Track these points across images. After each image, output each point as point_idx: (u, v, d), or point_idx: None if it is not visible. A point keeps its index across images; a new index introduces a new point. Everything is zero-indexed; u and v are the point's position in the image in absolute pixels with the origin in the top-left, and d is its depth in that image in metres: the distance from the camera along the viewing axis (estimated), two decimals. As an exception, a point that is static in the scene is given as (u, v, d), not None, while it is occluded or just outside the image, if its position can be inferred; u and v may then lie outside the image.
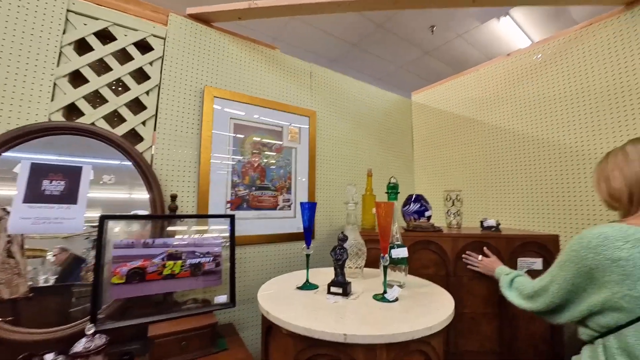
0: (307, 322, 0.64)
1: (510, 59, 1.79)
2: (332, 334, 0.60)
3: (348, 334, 0.59)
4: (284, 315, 0.67)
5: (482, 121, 1.89)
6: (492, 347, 1.25)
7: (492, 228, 1.35)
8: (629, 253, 0.67)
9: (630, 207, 0.78)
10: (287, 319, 0.66)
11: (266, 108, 1.58)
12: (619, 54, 1.37)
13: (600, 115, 1.41)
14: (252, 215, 1.50)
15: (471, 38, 3.42)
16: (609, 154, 0.88)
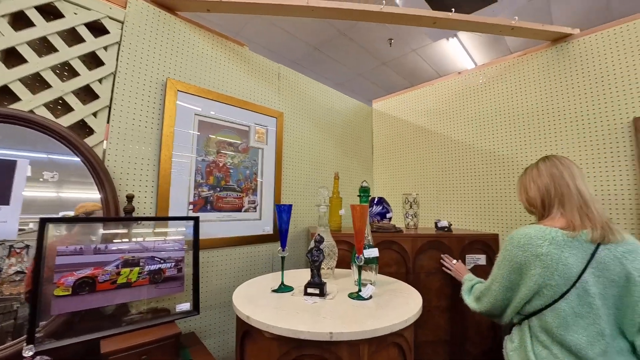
0: (292, 324, 0.64)
1: (461, 77, 2.00)
2: (319, 333, 0.61)
3: (334, 332, 0.61)
4: (267, 319, 0.66)
5: (435, 131, 2.08)
6: (445, 336, 1.39)
7: (445, 228, 1.50)
8: (547, 250, 0.81)
9: (543, 212, 0.94)
10: (271, 322, 0.65)
11: (233, 106, 1.53)
12: (546, 82, 1.62)
13: (531, 132, 1.65)
14: (216, 217, 1.44)
15: (424, 54, 3.72)
16: (527, 169, 1.04)
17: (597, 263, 0.80)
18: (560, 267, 0.80)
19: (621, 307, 0.81)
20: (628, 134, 1.38)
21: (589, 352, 0.78)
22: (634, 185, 1.34)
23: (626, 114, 1.39)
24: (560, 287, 0.81)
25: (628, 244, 0.82)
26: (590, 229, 0.82)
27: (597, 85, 1.47)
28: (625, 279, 0.79)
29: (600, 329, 0.79)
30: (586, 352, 0.78)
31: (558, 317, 0.81)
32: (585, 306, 0.80)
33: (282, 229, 0.91)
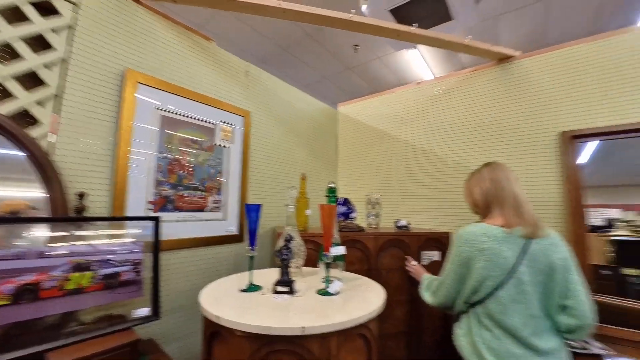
0: (263, 321, 0.66)
1: (420, 87, 2.15)
2: (291, 328, 0.63)
3: (306, 326, 0.63)
4: (237, 318, 0.67)
5: (396, 136, 2.21)
6: (404, 328, 1.48)
7: (404, 227, 1.60)
8: (489, 245, 0.93)
9: (485, 212, 1.06)
10: (242, 320, 0.66)
11: (198, 102, 1.48)
12: (492, 96, 1.82)
13: (478, 140, 1.84)
14: (177, 217, 1.38)
15: (387, 61, 3.91)
16: (472, 173, 1.15)
17: (528, 255, 0.93)
18: (500, 260, 0.92)
19: (547, 292, 0.95)
20: (556, 145, 1.60)
21: (523, 331, 0.90)
22: (560, 188, 1.57)
23: (555, 128, 1.61)
24: (499, 278, 0.92)
25: (552, 238, 0.97)
26: (523, 226, 0.95)
27: (533, 102, 1.68)
28: (550, 267, 0.93)
29: (531, 312, 0.92)
30: (521, 332, 0.90)
31: (499, 304, 0.93)
32: (520, 293, 0.92)
33: (251, 228, 0.91)
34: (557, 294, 0.93)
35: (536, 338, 0.91)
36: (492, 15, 3.02)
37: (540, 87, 1.67)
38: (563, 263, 0.94)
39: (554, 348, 0.93)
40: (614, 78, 1.48)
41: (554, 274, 0.93)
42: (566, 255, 0.97)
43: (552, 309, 0.95)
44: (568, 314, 0.93)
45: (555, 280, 0.93)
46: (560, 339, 0.98)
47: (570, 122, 1.57)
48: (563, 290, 0.94)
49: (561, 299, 0.94)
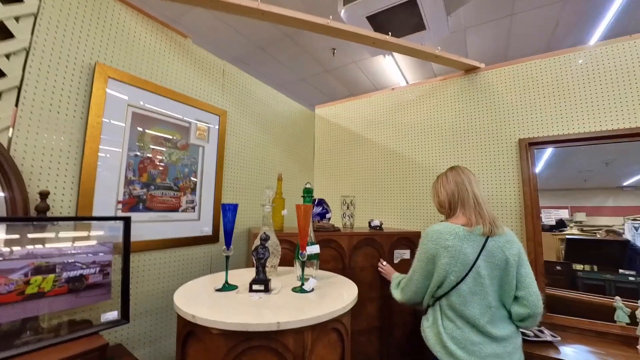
0: (239, 318, 0.67)
1: (394, 92, 2.23)
2: (266, 324, 0.65)
3: (281, 322, 0.65)
4: (213, 316, 0.67)
5: (370, 139, 2.28)
6: (376, 324, 1.54)
7: (377, 227, 1.66)
8: (452, 242, 1.01)
9: (450, 211, 1.15)
10: (219, 318, 0.67)
11: (173, 100, 1.45)
12: (459, 104, 1.94)
13: (446, 144, 1.95)
14: (149, 217, 1.34)
15: (363, 66, 4.01)
16: (438, 176, 1.24)
17: (486, 251, 1.02)
18: (462, 256, 1.00)
19: (502, 285, 1.04)
20: (515, 151, 1.74)
21: (481, 320, 0.99)
22: (518, 191, 1.71)
23: (514, 135, 1.75)
24: (461, 272, 1.00)
25: (507, 235, 1.07)
26: (482, 225, 1.03)
27: (494, 110, 1.82)
28: (505, 262, 1.03)
29: (488, 302, 1.01)
30: (479, 321, 0.99)
31: (460, 296, 1.01)
32: (478, 286, 1.01)
33: (227, 228, 0.92)
34: (511, 286, 1.03)
35: (492, 326, 1.00)
36: (462, 27, 3.21)
37: (501, 97, 1.81)
38: (516, 258, 1.04)
39: (508, 335, 1.03)
40: (564, 91, 1.64)
41: (509, 268, 1.03)
42: (519, 251, 1.07)
43: (506, 300, 1.05)
44: (520, 304, 1.03)
45: (509, 274, 1.03)
46: (514, 327, 1.08)
47: (527, 130, 1.72)
48: (516, 283, 1.03)
49: (514, 290, 1.04)
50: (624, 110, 1.50)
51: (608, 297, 1.50)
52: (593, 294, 1.67)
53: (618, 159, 1.67)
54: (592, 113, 1.56)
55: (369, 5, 2.66)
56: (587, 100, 1.58)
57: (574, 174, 1.85)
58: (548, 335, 1.36)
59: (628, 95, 1.50)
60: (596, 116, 1.55)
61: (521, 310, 1.02)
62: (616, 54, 1.54)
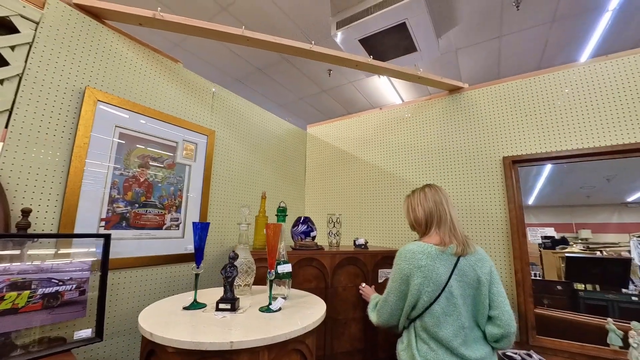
0: (194, 337, 0.67)
1: (382, 112, 2.29)
2: (220, 343, 0.65)
3: (234, 341, 0.66)
4: (169, 334, 0.68)
5: (359, 158, 2.32)
6: (359, 346, 1.50)
7: (362, 246, 1.66)
8: (426, 262, 1.00)
9: (424, 230, 1.15)
10: (173, 336, 0.67)
11: (161, 121, 1.51)
12: (444, 123, 1.98)
13: (431, 162, 1.97)
14: (132, 234, 1.37)
15: (359, 86, 4.12)
16: (414, 192, 1.22)
17: (458, 271, 1.01)
18: (434, 275, 0.99)
19: (475, 304, 1.03)
20: (500, 169, 1.75)
21: (454, 342, 0.97)
22: (503, 208, 1.70)
23: (498, 153, 1.77)
24: (434, 293, 0.99)
25: (478, 253, 1.06)
26: (455, 245, 1.03)
27: (479, 129, 1.84)
28: (477, 281, 1.02)
29: (461, 323, 0.99)
30: (452, 342, 0.97)
31: (433, 318, 0.99)
32: (451, 306, 0.99)
33: (197, 246, 0.93)
34: (484, 305, 1.01)
35: (465, 348, 0.98)
36: (453, 48, 3.31)
37: (485, 116, 1.84)
38: (488, 277, 1.03)
39: (482, 356, 1.00)
40: (547, 110, 1.67)
41: (481, 286, 1.02)
42: (491, 269, 1.06)
43: (480, 320, 1.03)
44: (493, 323, 1.01)
45: (482, 293, 1.02)
46: (490, 348, 1.05)
47: (511, 148, 1.73)
48: (489, 302, 1.02)
49: (487, 309, 1.02)
50: (607, 128, 1.51)
51: (601, 318, 1.45)
52: (589, 315, 1.61)
53: (619, 175, 1.65)
54: (575, 131, 1.58)
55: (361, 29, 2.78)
56: (570, 118, 1.60)
57: (576, 190, 1.82)
58: (536, 359, 1.31)
59: (610, 113, 1.51)
60: (579, 134, 1.57)
61: (495, 330, 1.01)
62: (598, 73, 1.57)
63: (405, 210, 1.24)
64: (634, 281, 1.59)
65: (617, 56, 1.54)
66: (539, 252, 1.77)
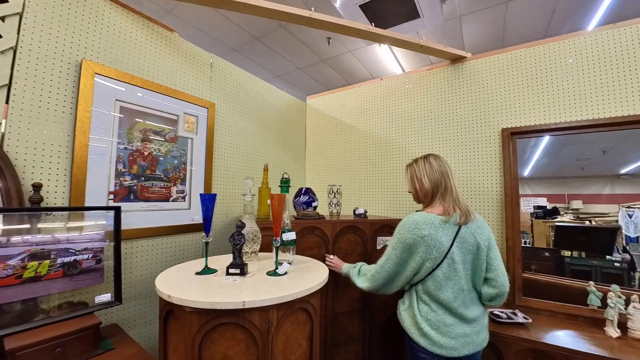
0: (209, 297, 0.74)
1: (383, 82, 2.25)
2: (233, 302, 0.72)
3: (246, 300, 0.72)
4: (187, 296, 0.74)
5: (359, 129, 2.32)
6: (358, 306, 1.62)
7: (362, 215, 1.72)
8: (429, 232, 1.05)
9: (429, 201, 1.18)
10: (190, 297, 0.74)
11: (160, 94, 1.50)
12: (446, 93, 1.96)
13: (433, 132, 1.98)
14: (141, 207, 1.42)
15: (359, 55, 3.99)
16: (416, 161, 1.23)
17: (459, 238, 1.07)
18: (437, 244, 1.04)
19: (474, 268, 1.10)
20: (498, 140, 1.77)
21: (454, 303, 1.06)
22: (499, 178, 1.74)
23: (497, 125, 1.78)
24: (437, 260, 1.06)
25: (478, 221, 1.12)
26: (458, 215, 1.08)
27: (479, 100, 1.84)
28: (477, 247, 1.09)
29: (460, 286, 1.07)
30: (452, 304, 1.05)
31: (435, 282, 1.07)
32: (452, 271, 1.07)
33: (206, 216, 0.98)
34: (482, 269, 1.09)
35: (464, 308, 1.07)
36: (457, 15, 3.17)
37: (486, 87, 1.82)
38: (487, 243, 1.10)
39: (477, 316, 1.10)
40: (548, 81, 1.65)
41: (480, 252, 1.09)
42: (489, 236, 1.13)
43: (477, 282, 1.12)
44: (489, 284, 1.10)
45: (480, 258, 1.09)
46: (483, 308, 1.15)
47: (511, 119, 1.74)
48: (486, 266, 1.10)
49: (484, 272, 1.10)
50: (609, 100, 1.51)
51: (583, 281, 1.54)
52: (572, 279, 1.72)
53: (616, 147, 1.67)
54: (576, 103, 1.58)
55: (361, -8, 2.65)
56: (572, 89, 1.60)
57: (572, 162, 1.86)
58: (520, 318, 1.43)
59: (613, 84, 1.51)
60: (579, 106, 1.57)
61: (490, 290, 1.10)
62: (600, 43, 1.54)
63: (408, 179, 1.25)
64: (619, 249, 1.69)
65: (625, 24, 1.50)
66: (531, 222, 1.86)
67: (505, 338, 1.32)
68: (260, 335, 0.75)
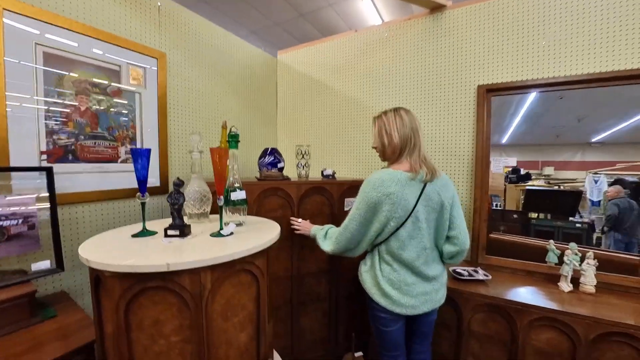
0: (131, 261, 0.66)
1: (358, 34, 2.07)
2: (156, 265, 0.65)
3: (171, 262, 0.65)
4: (107, 260, 0.67)
5: (332, 86, 2.17)
6: (325, 267, 1.61)
7: (330, 176, 1.65)
8: (395, 189, 0.99)
9: (396, 157, 1.09)
10: (108, 261, 0.66)
11: (95, 39, 1.30)
12: (421, 48, 1.82)
13: (406, 89, 1.88)
14: (83, 168, 1.29)
15: (339, 9, 3.68)
16: (386, 114, 1.11)
17: (424, 196, 1.02)
18: (403, 202, 0.99)
19: (437, 227, 1.08)
20: (473, 98, 1.68)
21: (416, 262, 1.04)
22: (471, 138, 1.69)
23: (473, 81, 1.68)
24: (401, 218, 1.01)
25: (443, 179, 1.07)
26: (425, 172, 1.02)
27: (457, 55, 1.71)
28: (441, 205, 1.05)
29: (424, 245, 1.05)
30: (415, 262, 1.03)
31: (398, 241, 1.03)
32: (416, 230, 1.03)
33: (140, 175, 0.88)
34: (444, 227, 1.07)
35: (426, 267, 1.06)
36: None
37: (464, 40, 1.69)
38: (451, 201, 1.07)
39: (437, 274, 1.09)
40: (528, 33, 1.54)
41: (443, 210, 1.05)
42: (454, 193, 1.09)
43: (439, 241, 1.10)
44: (451, 242, 1.09)
45: (444, 216, 1.06)
46: (442, 266, 1.14)
47: (488, 76, 1.64)
48: (448, 224, 1.07)
49: (447, 231, 1.08)
50: (592, 55, 1.42)
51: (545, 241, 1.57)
52: (535, 238, 1.77)
53: (590, 115, 1.68)
54: (556, 58, 1.49)
55: None
56: (552, 44, 1.49)
57: (548, 130, 1.88)
58: (481, 275, 1.45)
59: (595, 37, 1.41)
60: (562, 60, 1.48)
61: (452, 248, 1.08)
62: (585, -13, 1.41)
63: (376, 132, 1.14)
64: (581, 212, 1.75)
65: (614, -37, 1.37)
66: (504, 186, 1.89)
67: (464, 294, 1.34)
68: (192, 299, 0.69)
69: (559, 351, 1.17)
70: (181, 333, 0.71)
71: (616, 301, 1.23)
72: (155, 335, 0.70)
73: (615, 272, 1.36)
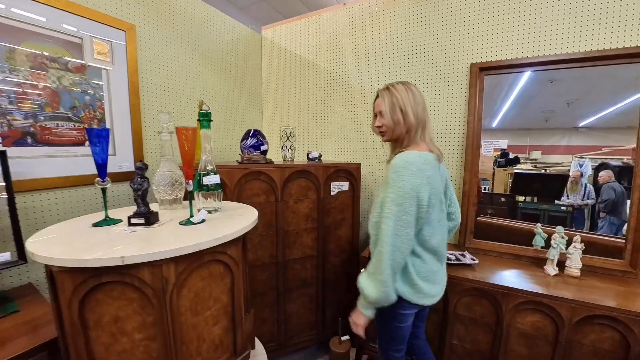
0: (80, 253, 0.59)
1: (346, 8, 1.94)
2: (110, 259, 0.58)
3: (126, 256, 0.59)
4: (55, 253, 0.60)
5: (318, 65, 2.06)
6: (311, 252, 1.57)
7: (316, 159, 1.58)
8: (432, 172, 0.87)
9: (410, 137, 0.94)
10: (55, 255, 0.59)
11: (48, 5, 1.16)
12: (413, 22, 1.71)
13: (396, 68, 1.78)
14: (46, 152, 1.19)
15: (328, -19, 3.47)
16: (395, 87, 0.95)
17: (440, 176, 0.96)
18: (437, 185, 0.89)
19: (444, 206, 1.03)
20: (465, 76, 1.60)
21: (441, 247, 0.98)
22: (463, 118, 1.62)
23: (466, 59, 1.59)
24: (437, 203, 0.91)
25: None
26: (437, 152, 0.95)
27: (450, 31, 1.62)
28: (445, 185, 1.03)
29: (445, 227, 1.03)
30: (440, 247, 0.97)
31: (431, 227, 0.92)
32: (441, 212, 0.97)
33: (98, 159, 0.79)
34: (446, 205, 1.05)
35: (444, 249, 1.02)
36: None
37: (459, 15, 1.59)
38: (448, 180, 1.07)
39: None
40: (527, 11, 1.45)
41: (447, 189, 1.05)
42: (447, 172, 1.10)
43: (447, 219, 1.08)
44: (449, 219, 1.09)
45: (447, 195, 1.05)
46: None
47: (481, 54, 1.56)
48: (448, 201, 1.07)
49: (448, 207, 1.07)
50: (587, 32, 1.34)
51: (532, 224, 1.56)
52: (523, 222, 1.76)
53: (580, 99, 1.65)
54: (552, 36, 1.41)
55: None
56: (549, 20, 1.40)
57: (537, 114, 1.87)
58: (468, 259, 1.43)
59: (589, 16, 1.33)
60: (557, 39, 1.40)
61: (450, 224, 1.09)
62: (587, -45, 1.32)
63: (387, 108, 0.95)
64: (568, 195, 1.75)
65: None
66: (493, 170, 1.87)
67: (451, 278, 1.32)
68: (155, 294, 0.63)
69: (543, 334, 1.17)
70: (145, 330, 0.65)
71: (600, 284, 1.22)
72: (117, 334, 0.64)
73: (600, 255, 1.35)
